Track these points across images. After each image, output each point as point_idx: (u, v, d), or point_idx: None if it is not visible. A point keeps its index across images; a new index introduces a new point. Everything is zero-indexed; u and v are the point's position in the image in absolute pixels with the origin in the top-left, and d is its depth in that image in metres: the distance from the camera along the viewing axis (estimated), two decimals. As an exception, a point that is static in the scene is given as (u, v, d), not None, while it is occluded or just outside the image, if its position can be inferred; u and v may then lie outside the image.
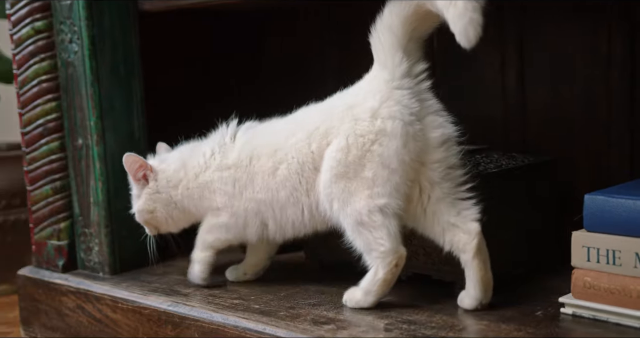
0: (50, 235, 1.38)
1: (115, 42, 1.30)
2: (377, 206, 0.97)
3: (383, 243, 0.98)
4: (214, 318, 1.05)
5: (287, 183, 1.05)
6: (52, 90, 1.34)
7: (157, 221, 1.18)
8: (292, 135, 1.06)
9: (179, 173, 1.15)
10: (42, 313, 1.35)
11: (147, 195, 1.16)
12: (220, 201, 1.12)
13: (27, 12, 1.32)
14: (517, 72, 1.32)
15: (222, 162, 1.12)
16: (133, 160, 1.16)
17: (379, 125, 0.97)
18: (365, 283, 1.02)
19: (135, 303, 1.17)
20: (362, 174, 0.98)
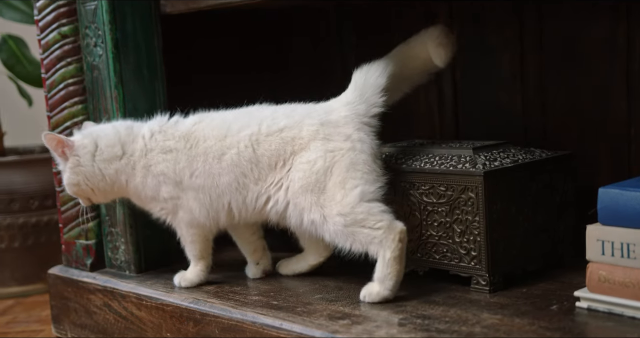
0: (78, 234, 1.41)
1: (138, 45, 1.33)
2: (355, 199, 1.04)
3: (377, 226, 1.03)
4: (233, 314, 1.07)
5: (235, 169, 1.11)
6: (79, 93, 1.37)
7: (85, 193, 1.21)
8: (246, 127, 1.13)
9: (113, 149, 1.19)
10: (71, 311, 1.39)
11: (69, 169, 1.19)
12: (165, 190, 1.17)
13: (54, 18, 1.36)
14: (536, 67, 1.31)
15: (164, 144, 1.17)
16: (50, 138, 1.19)
17: (350, 145, 1.08)
18: (378, 272, 1.04)
19: (158, 300, 1.20)
20: (331, 181, 1.07)
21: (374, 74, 1.11)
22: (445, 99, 1.45)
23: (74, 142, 1.20)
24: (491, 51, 1.37)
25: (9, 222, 1.80)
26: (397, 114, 1.52)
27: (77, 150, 1.19)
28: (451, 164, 1.09)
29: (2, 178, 1.81)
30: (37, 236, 1.84)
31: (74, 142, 1.20)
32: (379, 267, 1.04)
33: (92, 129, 1.23)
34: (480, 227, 1.05)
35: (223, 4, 1.26)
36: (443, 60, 1.12)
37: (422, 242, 1.12)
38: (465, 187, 1.06)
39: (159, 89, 1.36)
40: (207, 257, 1.22)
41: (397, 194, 1.14)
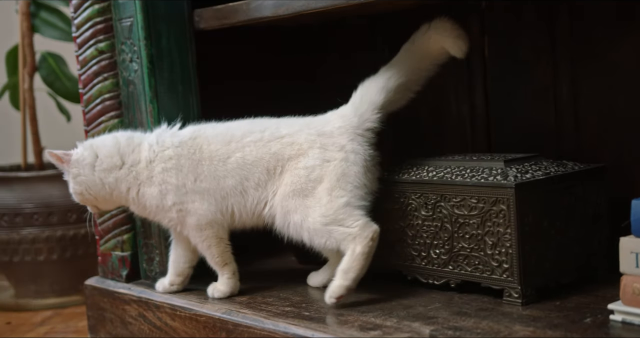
0: (114, 246, 1.44)
1: (173, 61, 1.35)
2: (340, 204, 1.12)
3: (355, 225, 1.11)
4: (265, 325, 1.08)
5: (240, 172, 1.16)
6: (115, 108, 1.40)
7: (89, 201, 1.25)
8: (250, 133, 1.19)
9: (112, 159, 1.22)
10: (107, 321, 1.41)
11: (71, 179, 1.24)
12: (168, 198, 1.20)
13: (91, 34, 1.40)
14: (569, 79, 1.31)
15: (163, 154, 1.21)
16: (51, 155, 1.25)
17: (343, 155, 1.15)
18: (343, 264, 1.11)
19: (192, 311, 1.21)
20: (320, 187, 1.14)
21: (372, 90, 1.19)
22: (477, 112, 1.45)
23: (72, 155, 1.24)
24: (523, 64, 1.37)
25: (48, 235, 1.84)
26: (428, 126, 1.53)
27: (75, 163, 1.23)
28: (482, 176, 1.10)
29: (41, 192, 1.85)
30: (75, 248, 1.87)
31: (71, 156, 1.24)
32: (346, 260, 1.10)
33: (93, 140, 1.27)
34: (512, 239, 1.05)
35: (254, 20, 1.28)
36: (464, 50, 1.19)
37: (454, 254, 1.12)
38: (497, 199, 1.06)
39: (193, 103, 1.38)
40: (229, 261, 1.24)
41: (427, 206, 1.15)
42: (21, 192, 1.85)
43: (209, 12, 1.35)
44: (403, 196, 1.18)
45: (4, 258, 1.85)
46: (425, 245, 1.16)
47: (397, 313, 1.06)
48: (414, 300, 1.12)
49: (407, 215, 1.18)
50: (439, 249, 1.14)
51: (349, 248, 1.11)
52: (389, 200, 1.20)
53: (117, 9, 1.36)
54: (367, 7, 1.20)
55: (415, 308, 1.08)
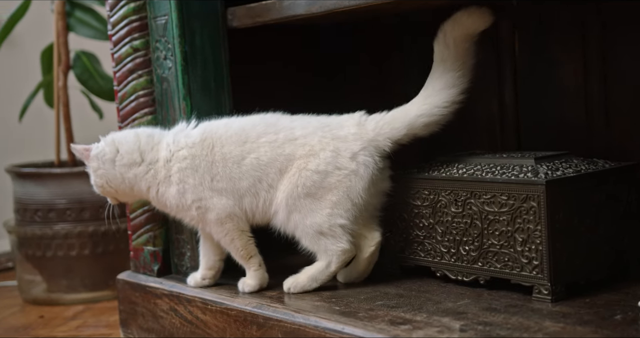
0: (146, 241, 1.46)
1: (206, 58, 1.37)
2: (337, 224, 1.18)
3: (341, 246, 1.18)
4: (296, 318, 1.10)
5: (253, 173, 1.20)
6: (149, 105, 1.42)
7: (110, 193, 1.29)
8: (264, 134, 1.21)
9: (132, 155, 1.25)
10: (139, 315, 1.43)
11: (92, 172, 1.28)
12: (187, 197, 1.22)
13: (127, 32, 1.42)
14: (600, 78, 1.31)
15: (178, 153, 1.23)
16: (74, 149, 1.30)
17: (354, 167, 1.18)
18: (313, 271, 1.20)
19: (223, 305, 1.23)
20: (327, 196, 1.18)
21: (398, 123, 1.20)
22: (506, 110, 1.46)
23: (91, 150, 1.27)
24: (554, 62, 1.37)
25: (80, 230, 1.87)
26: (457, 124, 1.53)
27: (95, 157, 1.26)
28: (513, 173, 1.10)
29: (74, 188, 1.89)
30: (106, 244, 1.90)
31: (91, 150, 1.27)
32: (318, 269, 1.20)
33: (115, 135, 1.30)
34: (542, 236, 1.05)
35: (287, 18, 1.30)
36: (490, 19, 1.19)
37: (483, 251, 1.13)
38: (527, 196, 1.06)
39: (225, 101, 1.40)
40: (254, 254, 1.26)
41: (457, 203, 1.15)
42: (54, 188, 1.89)
43: (242, 11, 1.37)
44: (433, 193, 1.19)
45: (38, 253, 1.88)
46: (455, 242, 1.17)
47: (426, 308, 1.07)
48: (443, 295, 1.13)
49: (437, 211, 1.19)
50: (468, 246, 1.15)
51: (324, 260, 1.20)
52: (419, 197, 1.21)
53: (152, 7, 1.38)
54: (397, 6, 1.21)
55: (445, 304, 1.09)
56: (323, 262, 1.20)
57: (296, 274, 1.23)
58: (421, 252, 1.22)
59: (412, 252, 1.24)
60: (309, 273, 1.22)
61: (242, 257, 1.26)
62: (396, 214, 1.25)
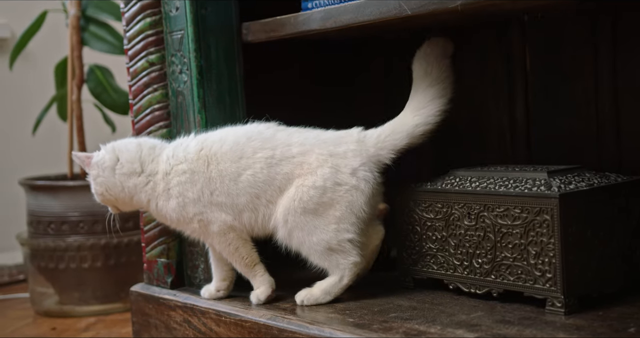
0: (160, 253, 1.47)
1: (221, 72, 1.39)
2: (345, 239, 1.19)
3: (352, 259, 1.20)
4: (310, 330, 1.10)
5: (250, 190, 1.20)
6: (164, 118, 1.44)
7: (109, 201, 1.30)
8: (261, 149, 1.22)
9: (132, 165, 1.27)
10: (152, 327, 1.44)
11: (92, 180, 1.29)
12: (188, 210, 1.23)
13: (143, 47, 1.44)
14: (611, 92, 1.32)
15: (178, 167, 1.24)
16: (75, 156, 1.31)
17: (355, 182, 1.20)
18: (326, 285, 1.21)
19: (237, 316, 1.24)
20: (330, 212, 1.19)
21: (398, 135, 1.23)
22: (517, 125, 1.47)
23: (93, 157, 1.29)
24: (565, 77, 1.38)
25: (92, 243, 1.88)
26: (468, 138, 1.54)
27: (95, 165, 1.28)
28: (526, 186, 1.11)
29: (87, 201, 1.90)
30: (118, 256, 1.91)
31: (92, 158, 1.28)
32: (331, 283, 1.21)
33: (115, 143, 1.31)
34: (555, 249, 1.06)
35: (302, 33, 1.32)
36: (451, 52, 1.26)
37: (496, 263, 1.14)
38: (541, 209, 1.07)
39: (239, 115, 1.41)
40: (258, 260, 1.27)
41: (470, 216, 1.16)
42: (67, 200, 1.90)
43: (256, 25, 1.38)
44: (446, 206, 1.20)
45: (50, 265, 1.90)
46: (468, 255, 1.18)
47: (440, 320, 1.08)
48: (457, 308, 1.14)
49: (450, 224, 1.20)
50: (481, 258, 1.16)
51: (336, 275, 1.21)
52: (432, 210, 1.22)
53: (169, 22, 1.40)
54: (412, 21, 1.22)
55: (458, 316, 1.09)
56: (336, 276, 1.21)
57: (309, 288, 1.24)
58: (434, 264, 1.23)
59: (425, 264, 1.25)
60: (322, 286, 1.23)
61: (247, 264, 1.27)
62: (409, 227, 1.26)
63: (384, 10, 1.17)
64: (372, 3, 1.19)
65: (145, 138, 1.35)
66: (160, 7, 1.41)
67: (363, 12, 1.20)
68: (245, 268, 1.27)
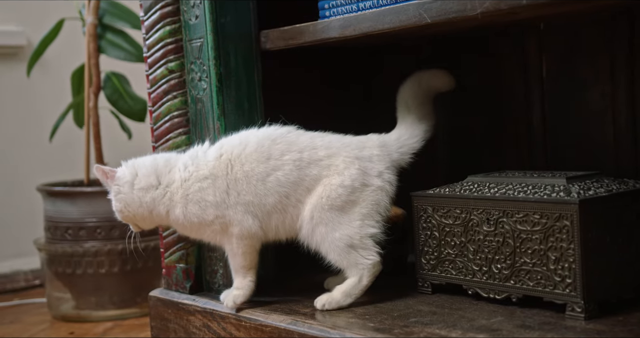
0: (179, 259, 1.48)
1: (240, 80, 1.41)
2: (368, 234, 1.22)
3: (371, 258, 1.22)
4: (332, 335, 1.11)
5: (280, 190, 1.22)
6: (183, 125, 1.45)
7: (130, 219, 1.30)
8: (288, 152, 1.24)
9: (149, 178, 1.27)
10: (171, 331, 1.45)
11: (113, 196, 1.29)
12: (208, 213, 1.24)
13: (162, 54, 1.46)
14: (628, 99, 1.33)
15: (198, 173, 1.25)
16: (97, 170, 1.30)
17: (380, 183, 1.25)
18: (347, 287, 1.23)
19: (257, 321, 1.25)
20: (356, 209, 1.23)
21: (413, 138, 1.30)
22: (534, 131, 1.48)
23: (116, 172, 1.29)
24: (582, 83, 1.40)
25: (110, 248, 1.90)
26: (484, 145, 1.55)
27: (117, 180, 1.29)
28: (545, 192, 1.12)
29: (104, 207, 1.91)
30: (135, 262, 1.93)
31: (115, 173, 1.29)
32: (350, 285, 1.23)
33: (135, 160, 1.32)
34: (575, 255, 1.07)
35: (321, 41, 1.33)
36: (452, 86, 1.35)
37: (516, 269, 1.15)
38: (560, 215, 1.08)
39: (258, 121, 1.43)
40: (255, 267, 1.29)
41: (489, 222, 1.17)
42: (85, 206, 1.92)
43: (275, 33, 1.40)
44: (465, 212, 1.21)
45: (68, 270, 1.91)
46: (487, 260, 1.19)
47: (460, 325, 1.09)
48: (476, 313, 1.15)
49: (469, 230, 1.21)
50: (500, 264, 1.17)
51: (355, 276, 1.23)
52: (450, 216, 1.23)
53: (188, 30, 1.42)
54: (431, 29, 1.24)
55: (478, 321, 1.10)
56: (355, 277, 1.23)
57: (329, 292, 1.25)
58: (453, 270, 1.24)
59: (444, 270, 1.26)
60: (342, 289, 1.24)
61: (245, 267, 1.28)
62: (427, 233, 1.27)
63: (404, 19, 1.18)
64: (392, 11, 1.20)
65: (161, 153, 1.36)
66: (179, 15, 1.43)
67: (382, 20, 1.21)
68: (242, 269, 1.28)
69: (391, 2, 1.25)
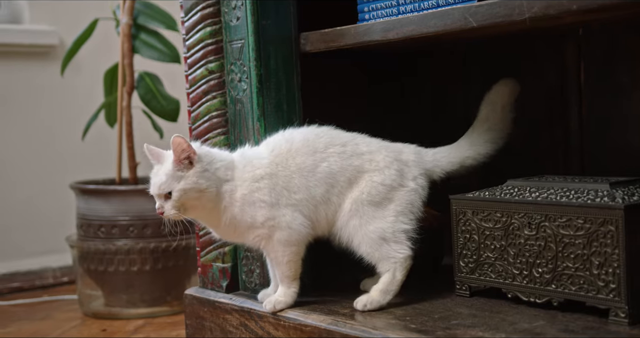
0: (215, 258, 1.50)
1: (279, 81, 1.42)
2: (401, 229, 1.27)
3: (403, 252, 1.26)
4: (374, 335, 1.12)
5: (327, 180, 1.26)
6: (222, 125, 1.47)
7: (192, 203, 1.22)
8: (332, 145, 1.29)
9: (226, 171, 1.26)
10: (206, 330, 1.47)
11: (197, 173, 1.22)
12: (260, 214, 1.25)
13: (202, 55, 1.47)
14: (668, 106, 1.33)
15: (255, 173, 1.26)
16: (181, 141, 1.22)
17: (415, 186, 1.30)
18: (383, 286, 1.26)
19: (297, 321, 1.26)
20: (391, 206, 1.27)
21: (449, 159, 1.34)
22: (571, 136, 1.48)
23: (197, 150, 1.25)
24: (621, 88, 1.40)
25: (142, 246, 1.92)
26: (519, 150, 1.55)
27: (205, 159, 1.24)
28: (588, 197, 1.12)
29: (137, 206, 1.94)
30: (166, 260, 1.94)
31: (198, 150, 1.25)
32: (386, 282, 1.25)
33: (204, 146, 1.31)
34: (620, 260, 1.07)
35: (362, 44, 1.34)
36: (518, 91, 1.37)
37: (557, 273, 1.15)
38: (605, 220, 1.08)
39: (297, 122, 1.44)
40: (298, 277, 1.30)
41: (531, 226, 1.18)
42: (118, 204, 1.94)
43: (315, 35, 1.41)
44: (506, 215, 1.22)
45: (100, 268, 1.93)
46: (528, 264, 1.19)
47: (503, 328, 1.09)
48: (517, 317, 1.15)
49: (510, 234, 1.21)
50: (541, 268, 1.17)
51: (388, 272, 1.26)
52: (491, 220, 1.24)
53: (229, 31, 1.43)
54: (475, 33, 1.24)
55: (520, 325, 1.11)
56: (388, 273, 1.26)
57: (367, 293, 1.27)
58: (492, 273, 1.25)
59: (483, 273, 1.26)
60: (379, 288, 1.26)
61: (289, 277, 1.29)
62: (466, 236, 1.28)
63: (449, 22, 1.19)
64: (436, 15, 1.21)
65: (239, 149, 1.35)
66: (220, 17, 1.44)
67: (427, 23, 1.22)
68: (286, 279, 1.30)
69: (433, 6, 1.26)
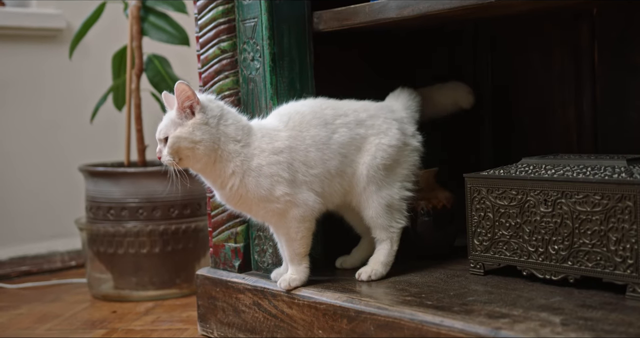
0: (227, 238, 1.49)
1: (292, 60, 1.41)
2: (404, 196, 1.32)
3: (402, 222, 1.32)
4: (390, 312, 1.12)
5: (341, 151, 1.28)
6: (234, 105, 1.46)
7: (185, 152, 1.19)
8: (338, 116, 1.30)
9: (237, 129, 1.22)
10: (219, 309, 1.47)
11: (195, 124, 1.19)
12: (278, 189, 1.23)
13: (214, 34, 1.46)
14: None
15: (274, 145, 1.25)
16: (185, 88, 1.19)
17: (416, 143, 1.36)
18: (383, 257, 1.31)
19: (311, 299, 1.26)
20: (398, 170, 1.32)
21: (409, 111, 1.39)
22: (584, 117, 1.48)
23: (201, 101, 1.20)
24: (633, 70, 1.39)
25: (151, 229, 1.91)
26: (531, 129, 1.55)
27: (207, 109, 1.21)
28: (606, 173, 1.12)
29: (146, 188, 1.93)
30: (175, 243, 1.94)
31: (202, 101, 1.20)
32: (385, 253, 1.31)
33: (219, 101, 1.27)
34: (637, 235, 1.07)
35: (376, 22, 1.33)
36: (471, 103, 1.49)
37: (574, 250, 1.15)
38: (622, 195, 1.08)
39: (309, 102, 1.43)
40: (308, 253, 1.31)
41: (547, 203, 1.18)
42: (127, 187, 1.93)
43: (328, 14, 1.40)
44: (521, 193, 1.21)
45: (109, 250, 1.93)
46: (544, 241, 1.19)
47: (520, 304, 1.09)
48: (534, 293, 1.15)
49: (525, 211, 1.21)
50: (557, 245, 1.17)
51: (385, 242, 1.32)
52: (505, 197, 1.24)
53: (241, 10, 1.42)
54: (490, 11, 1.24)
55: (537, 301, 1.11)
56: (386, 244, 1.32)
57: (366, 265, 1.32)
58: (507, 251, 1.24)
59: (497, 251, 1.26)
60: (380, 260, 1.32)
61: (300, 254, 1.29)
62: (481, 214, 1.28)
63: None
64: (452, -9, 1.20)
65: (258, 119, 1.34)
66: (232, -5, 1.44)
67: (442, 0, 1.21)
68: (297, 256, 1.29)
69: (449, -17, 1.25)
